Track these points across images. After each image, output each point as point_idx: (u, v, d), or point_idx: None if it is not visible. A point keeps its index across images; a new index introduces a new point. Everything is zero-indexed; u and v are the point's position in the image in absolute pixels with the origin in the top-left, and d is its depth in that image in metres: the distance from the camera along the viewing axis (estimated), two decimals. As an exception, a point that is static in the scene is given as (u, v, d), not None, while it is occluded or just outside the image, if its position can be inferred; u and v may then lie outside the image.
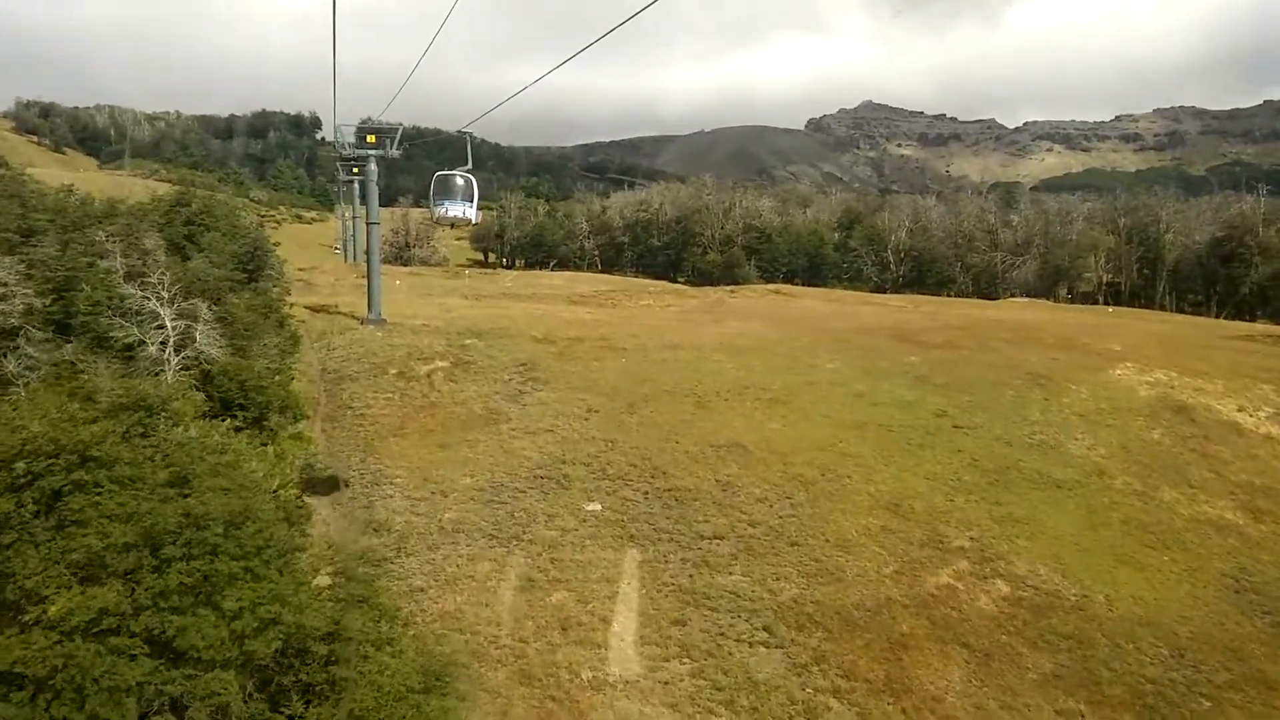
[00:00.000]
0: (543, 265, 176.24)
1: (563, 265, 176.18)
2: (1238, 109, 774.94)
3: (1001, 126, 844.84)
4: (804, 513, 32.97)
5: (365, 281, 60.41)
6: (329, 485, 33.65)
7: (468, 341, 48.49)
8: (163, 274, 35.77)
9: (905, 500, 34.26)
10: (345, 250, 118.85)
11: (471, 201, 41.99)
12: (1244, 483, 38.01)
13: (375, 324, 50.82)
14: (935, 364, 48.21)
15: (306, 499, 31.28)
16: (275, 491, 27.36)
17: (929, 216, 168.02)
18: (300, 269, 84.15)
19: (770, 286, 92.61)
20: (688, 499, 33.43)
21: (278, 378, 38.43)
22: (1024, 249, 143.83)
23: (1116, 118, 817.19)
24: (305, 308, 55.17)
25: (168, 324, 34.42)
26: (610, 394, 42.43)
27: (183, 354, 35.02)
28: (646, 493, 33.85)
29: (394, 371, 43.97)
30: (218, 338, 36.63)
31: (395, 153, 50.83)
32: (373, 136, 51.03)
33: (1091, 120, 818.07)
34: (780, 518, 32.61)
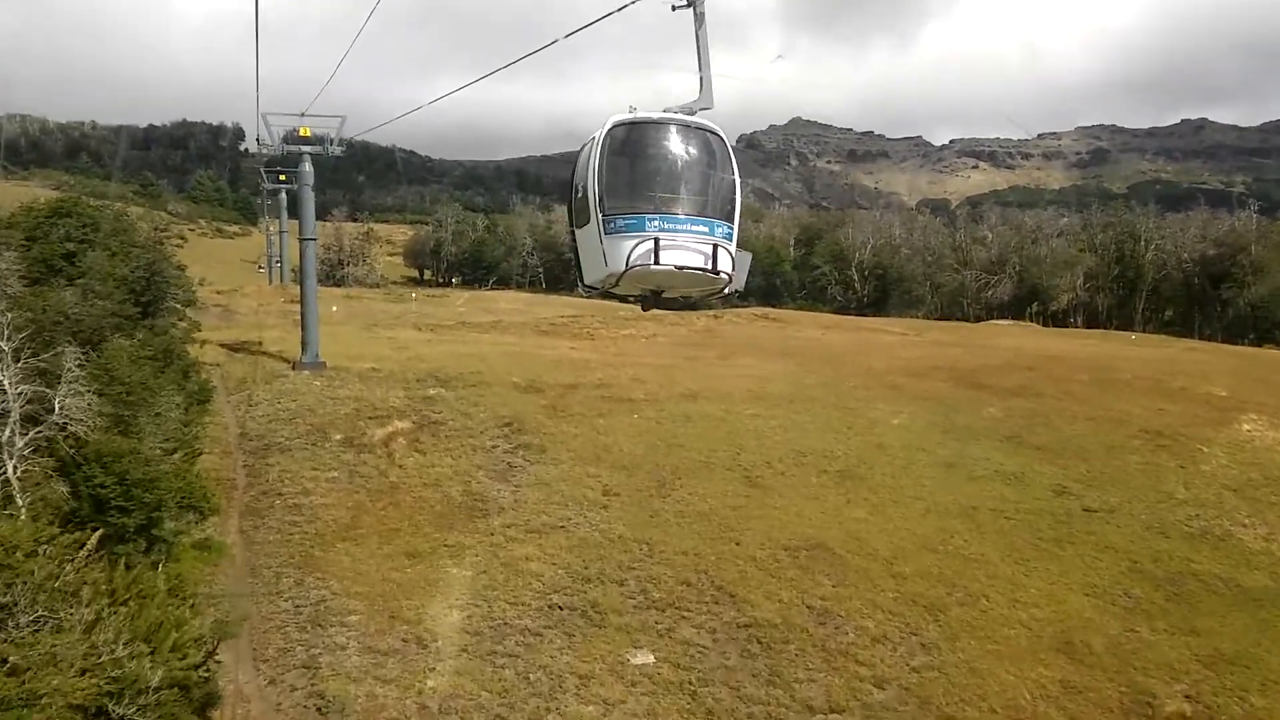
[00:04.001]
0: (482, 283, 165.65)
1: (503, 283, 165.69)
2: (1156, 127, 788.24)
3: (928, 144, 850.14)
4: (945, 660, 22.88)
5: (295, 308, 49.41)
6: (249, 631, 22.74)
7: (432, 391, 37.73)
8: (4, 313, 24.68)
9: (1075, 633, 24.36)
10: (270, 270, 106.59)
11: (731, 224, 13.85)
12: None
13: (312, 368, 39.73)
14: (1022, 418, 38.51)
15: (217, 660, 20.35)
16: (156, 693, 16.51)
17: (892, 233, 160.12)
18: (218, 292, 72.48)
19: (756, 311, 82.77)
20: (776, 641, 23.12)
21: (176, 456, 27.42)
22: (998, 267, 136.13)
23: (1040, 135, 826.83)
24: (221, 345, 43.94)
25: (8, 387, 23.37)
26: (630, 467, 32.01)
27: (35, 432, 24.00)
28: (714, 630, 23.48)
29: (339, 437, 33.06)
30: (93, 401, 25.63)
31: (337, 149, 39.89)
32: (307, 129, 40.01)
33: (1015, 138, 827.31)
34: (914, 670, 22.49)
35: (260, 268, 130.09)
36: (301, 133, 39.83)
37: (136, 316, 35.29)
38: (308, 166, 40.64)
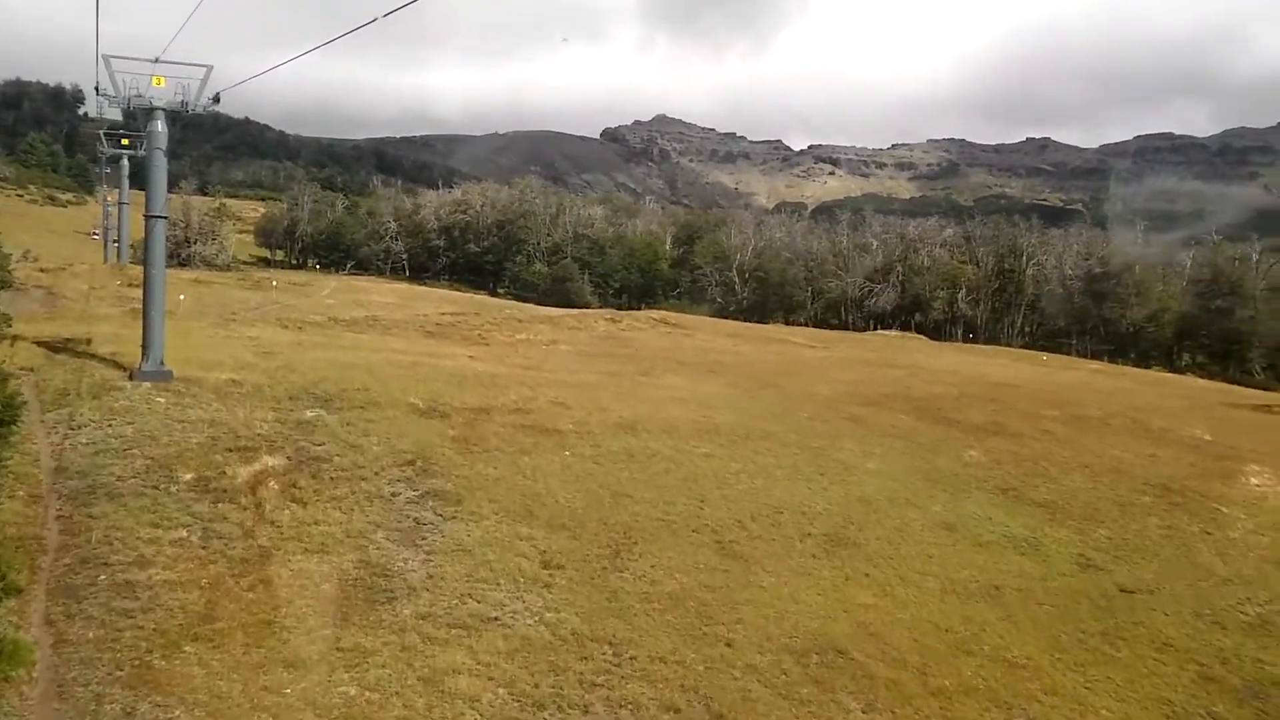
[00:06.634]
0: (340, 267, 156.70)
1: (363, 268, 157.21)
2: (1003, 144, 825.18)
3: (787, 148, 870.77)
4: (1030, 828, 17.01)
5: (134, 293, 40.92)
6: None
7: (310, 414, 30.22)
8: None
9: (1171, 777, 18.86)
10: (107, 250, 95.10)
11: None
12: None
13: (155, 379, 31.54)
14: (1010, 465, 33.38)
15: None
16: None
17: (773, 235, 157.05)
18: (43, 270, 62.52)
19: (654, 315, 76.89)
20: (808, 802, 16.85)
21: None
22: (882, 275, 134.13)
23: (893, 146, 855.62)
24: (37, 344, 35.24)
25: None
26: (571, 527, 25.29)
27: None
28: (723, 786, 17.06)
29: (189, 478, 25.31)
30: None
31: (200, 106, 31.82)
32: (161, 79, 31.77)
33: (871, 147, 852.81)
34: (997, 846, 16.52)
35: (94, 233, 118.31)
36: (155, 82, 31.53)
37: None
38: (160, 126, 32.20)
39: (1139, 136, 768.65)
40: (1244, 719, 21.03)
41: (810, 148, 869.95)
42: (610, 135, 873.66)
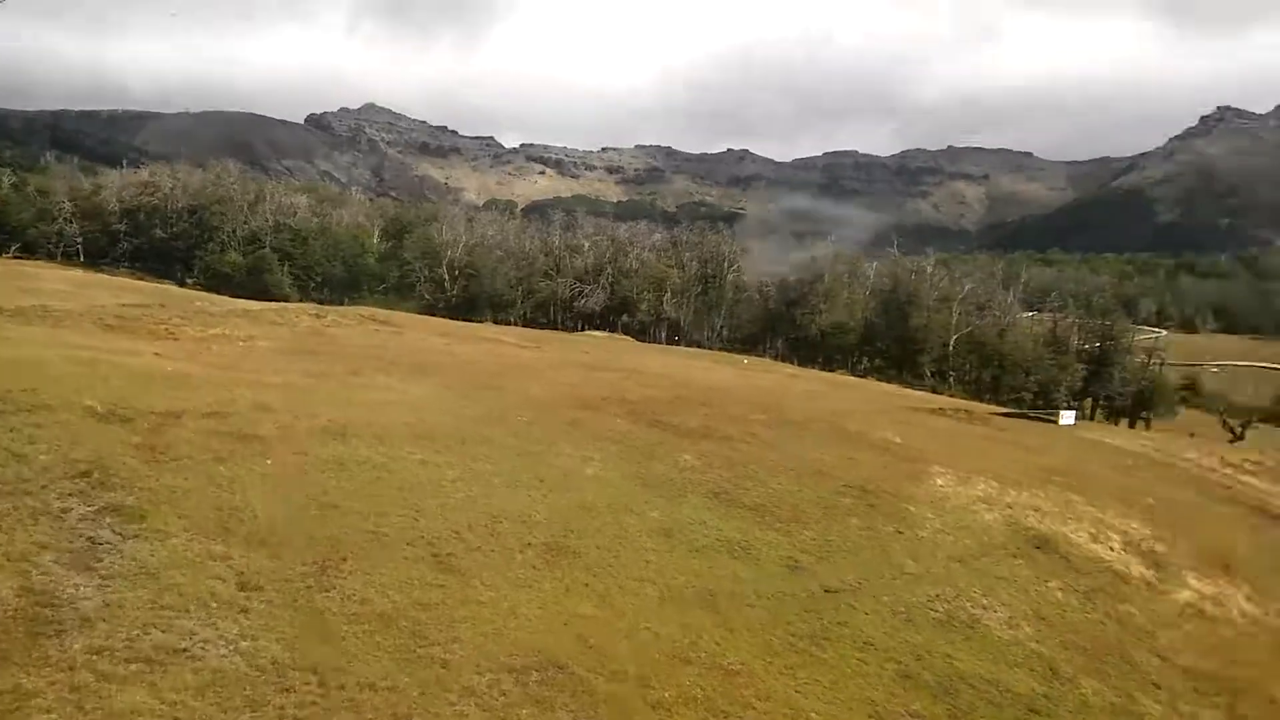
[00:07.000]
0: (2, 249, 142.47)
1: (30, 251, 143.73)
2: (705, 153, 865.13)
3: (499, 145, 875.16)
4: (753, 840, 17.00)
5: None
6: None
7: (-38, 419, 26.48)
8: None
9: (879, 777, 19.47)
10: None
11: None
12: (1200, 671, 27.68)
13: None
14: (722, 468, 33.98)
15: None
16: None
17: (485, 233, 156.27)
18: None
19: (363, 311, 73.86)
20: (532, 833, 16.07)
21: None
22: (593, 277, 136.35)
23: (603, 149, 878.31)
24: None
25: None
26: (273, 543, 23.26)
27: None
28: (440, 823, 15.98)
29: None
30: None
31: None
32: None
33: (581, 149, 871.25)
34: None
35: None
36: None
37: None
38: None
39: (827, 153, 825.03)
40: (939, 716, 22.08)
41: (522, 146, 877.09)
42: (315, 121, 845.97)
